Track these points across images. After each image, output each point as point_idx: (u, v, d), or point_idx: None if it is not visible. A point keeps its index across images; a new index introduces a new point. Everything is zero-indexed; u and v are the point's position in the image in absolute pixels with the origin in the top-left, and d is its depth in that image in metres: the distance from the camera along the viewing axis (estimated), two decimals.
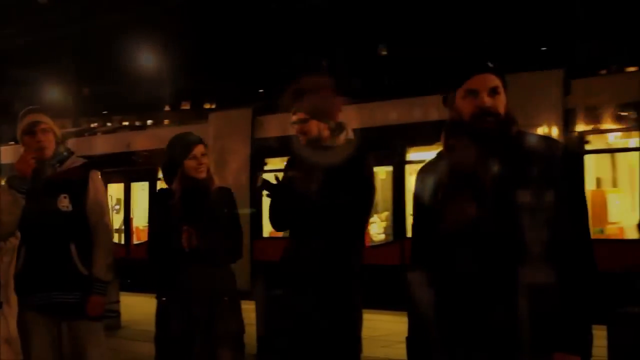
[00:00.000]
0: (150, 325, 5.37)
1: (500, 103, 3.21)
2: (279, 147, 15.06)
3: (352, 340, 4.84)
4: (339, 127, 4.98)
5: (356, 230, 4.90)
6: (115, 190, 20.33)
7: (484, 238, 3.10)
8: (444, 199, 3.20)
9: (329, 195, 4.74)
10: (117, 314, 11.39)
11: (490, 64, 3.26)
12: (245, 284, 15.28)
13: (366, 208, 4.89)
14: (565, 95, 13.09)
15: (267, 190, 4.94)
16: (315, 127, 4.92)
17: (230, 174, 16.56)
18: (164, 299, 5.24)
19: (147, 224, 17.50)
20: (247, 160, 17.03)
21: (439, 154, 3.36)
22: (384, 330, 10.33)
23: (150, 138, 18.78)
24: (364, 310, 4.91)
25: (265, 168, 16.34)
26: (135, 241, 19.77)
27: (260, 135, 16.94)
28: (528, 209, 3.08)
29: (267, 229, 16.20)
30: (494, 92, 3.20)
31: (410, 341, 3.36)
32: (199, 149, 5.24)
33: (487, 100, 3.18)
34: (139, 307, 11.89)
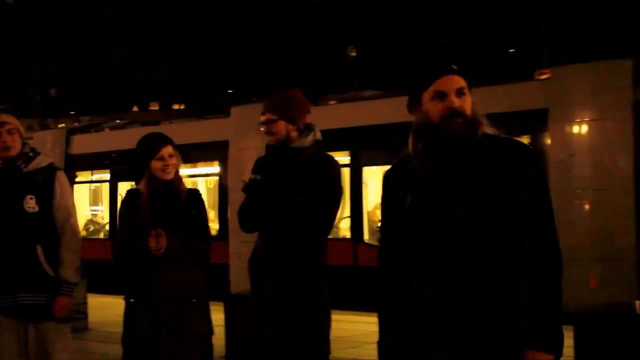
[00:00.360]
0: (118, 327, 5.33)
1: (467, 104, 3.22)
2: None
3: (321, 340, 4.85)
4: (308, 128, 4.99)
5: (323, 231, 4.92)
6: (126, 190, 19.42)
7: (461, 240, 3.11)
8: (416, 202, 3.20)
9: (296, 196, 4.75)
10: (84, 315, 11.29)
11: (454, 66, 3.27)
12: None
13: (333, 209, 4.90)
14: (636, 86, 12.62)
15: (247, 192, 4.94)
16: (284, 128, 4.92)
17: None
18: (132, 300, 5.21)
19: None
20: None
21: (405, 157, 3.34)
22: (353, 331, 10.34)
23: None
24: (333, 311, 4.93)
25: None
26: None
27: None
28: (499, 209, 3.11)
29: None
30: (460, 93, 3.21)
31: (383, 345, 3.34)
32: (166, 150, 5.20)
33: (456, 101, 3.18)
34: (106, 309, 11.82)
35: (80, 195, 18.78)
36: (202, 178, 17.33)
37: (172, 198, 5.18)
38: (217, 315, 6.68)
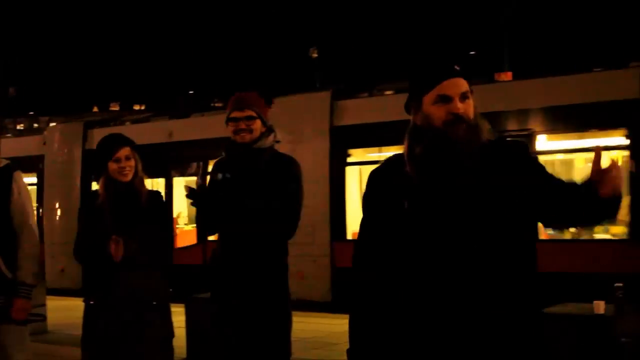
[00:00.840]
0: (78, 330, 5.28)
1: (471, 108, 3.08)
2: (365, 136, 13.77)
3: (282, 341, 4.84)
4: (269, 130, 4.99)
5: (286, 233, 4.90)
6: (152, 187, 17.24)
7: (464, 252, 2.98)
8: (415, 210, 3.04)
9: (259, 197, 4.74)
10: (44, 317, 11.17)
11: (457, 67, 3.13)
12: (326, 294, 13.22)
13: (295, 210, 4.89)
14: None
15: (191, 198, 4.87)
16: (260, 127, 4.93)
17: (302, 167, 14.11)
18: (91, 302, 5.16)
19: (194, 225, 15.00)
20: (325, 151, 14.36)
21: (395, 158, 3.19)
22: (316, 332, 10.34)
23: (197, 127, 16.16)
24: (296, 313, 4.92)
25: (349, 160, 14.26)
26: (178, 245, 15.90)
27: (340, 123, 14.35)
28: (504, 216, 3.00)
29: (351, 229, 13.90)
30: (464, 97, 3.07)
31: (353, 354, 3.15)
32: (123, 152, 5.15)
33: (460, 107, 3.04)
34: (65, 311, 11.72)
35: None
36: None
37: (132, 200, 5.14)
38: (179, 317, 6.64)
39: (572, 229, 11.33)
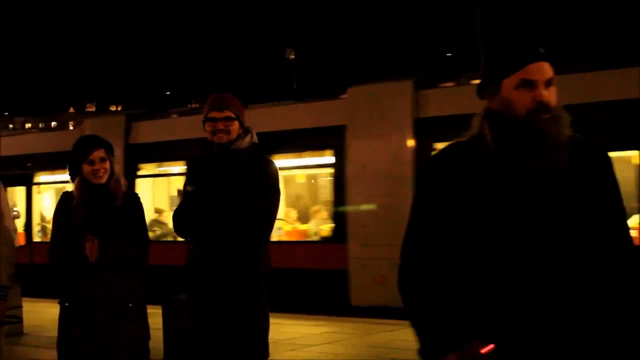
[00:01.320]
0: (54, 332, 5.27)
1: (555, 97, 2.84)
2: (453, 128, 12.24)
3: (260, 344, 4.85)
4: (246, 131, 5.00)
5: (263, 234, 4.92)
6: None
7: (550, 254, 2.73)
8: (495, 207, 2.78)
9: (235, 198, 4.75)
10: (20, 319, 11.11)
11: (541, 49, 2.88)
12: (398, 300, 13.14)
13: (272, 211, 4.91)
14: None
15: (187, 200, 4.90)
16: (237, 128, 4.94)
17: (382, 163, 13.37)
18: (67, 304, 5.15)
19: None
20: (408, 146, 13.26)
21: (462, 146, 2.96)
22: (292, 333, 10.34)
23: (257, 119, 14.61)
24: (270, 314, 4.94)
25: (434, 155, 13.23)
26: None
27: (424, 115, 13.22)
28: (592, 220, 2.78)
29: None
30: (549, 83, 2.83)
31: (429, 351, 2.84)
32: (97, 154, 5.13)
33: (545, 94, 2.80)
34: (42, 313, 11.65)
35: (143, 191, 15.28)
36: (310, 170, 15.35)
37: (107, 202, 5.13)
38: (156, 319, 6.61)
39: None
